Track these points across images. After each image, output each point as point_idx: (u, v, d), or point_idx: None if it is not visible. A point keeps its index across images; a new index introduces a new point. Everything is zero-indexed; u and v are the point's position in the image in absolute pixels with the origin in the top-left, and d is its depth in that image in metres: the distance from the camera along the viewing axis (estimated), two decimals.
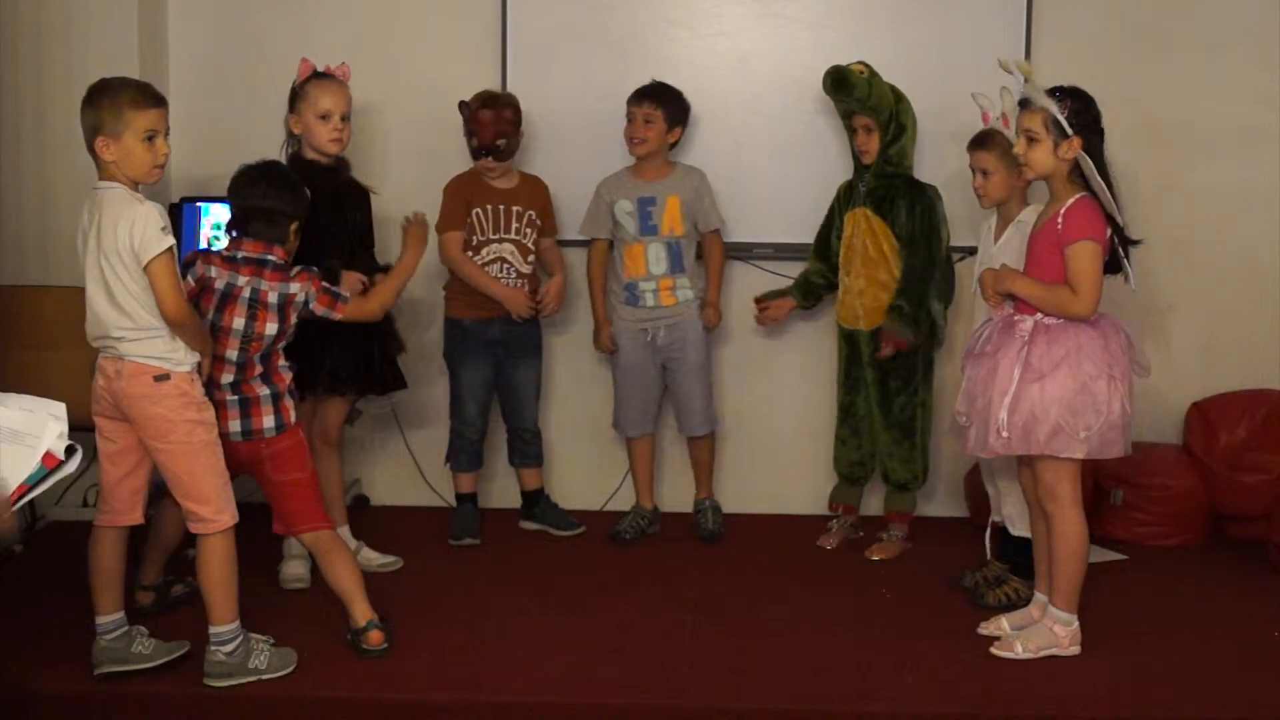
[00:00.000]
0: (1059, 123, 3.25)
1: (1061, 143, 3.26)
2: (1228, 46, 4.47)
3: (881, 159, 4.06)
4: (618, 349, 4.34)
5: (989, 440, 3.34)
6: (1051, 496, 3.35)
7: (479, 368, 4.27)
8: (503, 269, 4.23)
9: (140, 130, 3.02)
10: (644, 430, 4.42)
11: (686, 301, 4.31)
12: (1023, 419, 3.28)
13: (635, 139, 4.23)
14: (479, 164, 4.20)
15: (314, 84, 3.81)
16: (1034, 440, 3.28)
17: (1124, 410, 3.29)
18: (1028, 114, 3.31)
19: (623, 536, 4.34)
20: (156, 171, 3.08)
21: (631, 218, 4.26)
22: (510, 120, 4.18)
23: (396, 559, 4.06)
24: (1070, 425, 3.25)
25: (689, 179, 4.30)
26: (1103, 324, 3.33)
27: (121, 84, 3.08)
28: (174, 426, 3.10)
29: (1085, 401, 3.25)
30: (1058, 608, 3.40)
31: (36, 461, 2.35)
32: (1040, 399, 3.26)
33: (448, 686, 3.23)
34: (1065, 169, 3.30)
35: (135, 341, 3.07)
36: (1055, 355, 3.26)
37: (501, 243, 4.22)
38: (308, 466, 3.44)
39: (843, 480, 4.38)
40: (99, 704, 3.17)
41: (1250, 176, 4.51)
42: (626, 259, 4.30)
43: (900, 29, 4.43)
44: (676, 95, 4.26)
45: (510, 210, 4.23)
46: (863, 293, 4.12)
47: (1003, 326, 3.39)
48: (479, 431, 4.35)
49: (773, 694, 3.20)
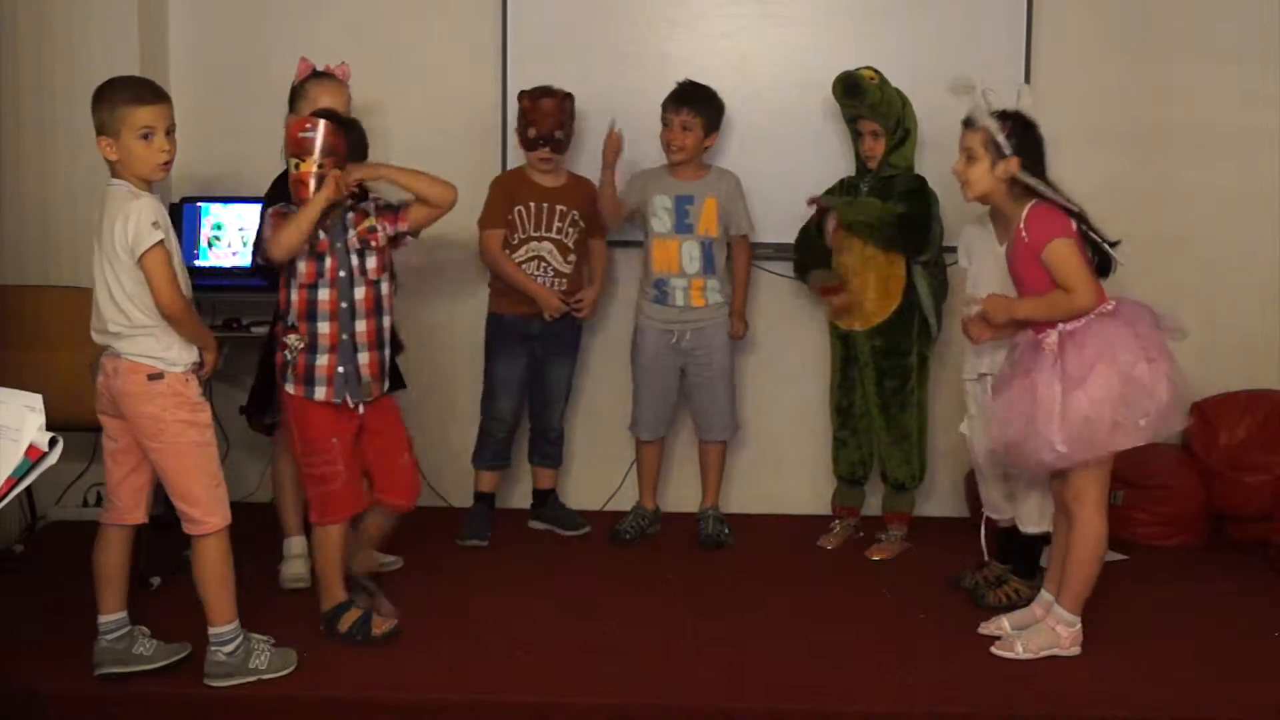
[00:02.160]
0: (997, 143, 3.26)
1: (999, 162, 3.28)
2: (1227, 47, 4.47)
3: (885, 163, 4.07)
4: (638, 347, 4.33)
5: (1044, 457, 3.30)
6: (1078, 498, 3.35)
7: (515, 362, 4.27)
8: (540, 267, 4.22)
9: (136, 128, 3.02)
10: (658, 434, 4.42)
11: (716, 305, 4.29)
12: (1078, 427, 3.24)
13: (674, 146, 4.21)
14: (535, 155, 4.19)
15: (313, 83, 3.81)
16: (1098, 442, 3.25)
17: (1171, 385, 3.27)
18: (970, 133, 3.35)
19: (623, 536, 4.34)
20: (160, 169, 3.08)
21: (669, 213, 4.25)
22: (569, 112, 4.18)
23: (397, 559, 4.06)
24: (1127, 417, 3.24)
25: (725, 181, 4.30)
26: (1123, 310, 3.31)
27: (119, 83, 3.09)
28: (165, 426, 3.10)
29: (1134, 391, 3.24)
30: (1065, 608, 3.40)
31: (21, 455, 2.35)
32: (1089, 402, 3.23)
33: (448, 686, 3.23)
34: (1003, 189, 3.32)
35: (130, 339, 3.08)
36: (1088, 357, 3.25)
37: (541, 241, 4.22)
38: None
39: (843, 483, 4.38)
40: (99, 704, 3.16)
41: (1250, 177, 4.51)
42: (657, 253, 4.28)
43: (900, 29, 4.44)
44: (714, 99, 4.23)
45: (554, 209, 4.22)
46: (858, 292, 4.13)
47: (1029, 347, 3.37)
48: (508, 429, 4.34)
49: (773, 694, 3.21)
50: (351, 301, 3.42)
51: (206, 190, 4.42)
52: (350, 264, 3.42)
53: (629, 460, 4.57)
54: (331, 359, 3.41)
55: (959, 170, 3.38)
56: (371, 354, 3.46)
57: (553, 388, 4.37)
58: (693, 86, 4.22)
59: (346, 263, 3.42)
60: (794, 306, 4.59)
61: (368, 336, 3.45)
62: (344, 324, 3.42)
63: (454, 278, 4.60)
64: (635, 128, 4.33)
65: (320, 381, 3.42)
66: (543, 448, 4.45)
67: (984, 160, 3.32)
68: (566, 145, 4.23)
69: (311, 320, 3.41)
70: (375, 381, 3.48)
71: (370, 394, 3.47)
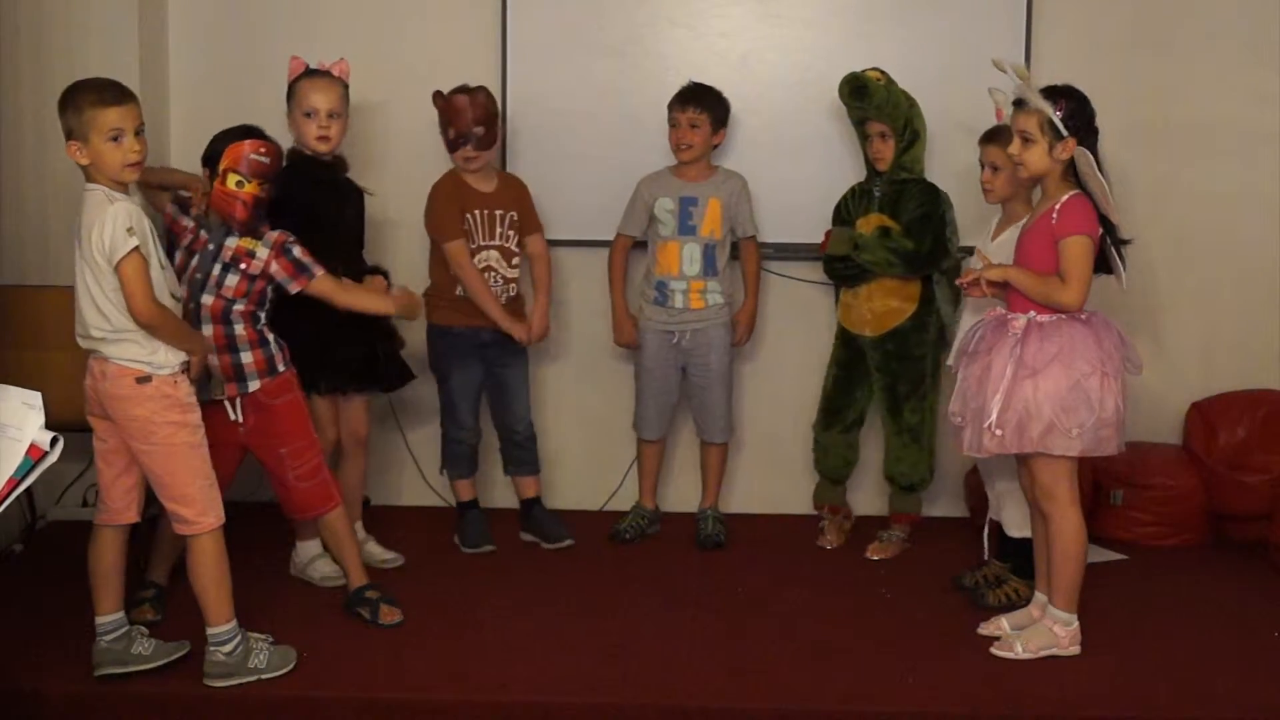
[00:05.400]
0: (1054, 124, 3.25)
1: (1057, 144, 3.27)
2: (1228, 46, 4.47)
3: (896, 165, 4.06)
4: (641, 347, 4.32)
5: (983, 440, 3.34)
6: (1049, 496, 3.35)
7: (470, 371, 4.20)
8: (491, 276, 4.15)
9: (104, 130, 2.98)
10: (660, 433, 4.42)
11: (715, 306, 4.28)
12: (1016, 416, 3.28)
13: (682, 145, 4.19)
14: (458, 155, 4.09)
15: (304, 81, 3.81)
16: (1027, 438, 3.29)
17: (1117, 408, 3.29)
18: (1023, 115, 3.32)
19: (623, 536, 4.34)
20: (131, 170, 3.04)
21: (672, 215, 4.23)
22: (485, 107, 4.07)
23: (397, 555, 4.07)
24: (1063, 423, 3.25)
25: (731, 182, 4.29)
26: (1095, 322, 3.33)
27: (83, 86, 3.04)
28: (155, 428, 3.09)
29: (1078, 399, 3.25)
30: (1057, 608, 3.40)
31: (23, 454, 2.35)
32: (1033, 396, 3.26)
33: (448, 686, 3.23)
34: (1060, 169, 3.31)
35: (115, 343, 3.06)
36: (1048, 352, 3.27)
37: (489, 249, 4.15)
38: None
39: (825, 480, 4.38)
40: (99, 704, 3.16)
41: (1250, 177, 4.51)
42: (660, 257, 4.27)
43: (901, 28, 4.43)
44: (719, 97, 4.22)
45: (494, 214, 4.15)
46: (871, 297, 4.12)
47: (995, 325, 3.39)
48: (476, 436, 4.29)
49: (773, 694, 3.21)
50: (198, 304, 3.40)
51: None
52: (209, 270, 3.40)
53: (627, 460, 4.57)
54: None
55: (1014, 153, 3.35)
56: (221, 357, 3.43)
57: (512, 387, 4.26)
58: (698, 85, 4.22)
59: (207, 268, 3.41)
60: (796, 307, 4.59)
61: (213, 340, 3.41)
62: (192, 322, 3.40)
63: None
64: (634, 127, 4.33)
65: None
66: (515, 455, 4.34)
67: (1041, 143, 3.29)
68: (490, 143, 4.12)
69: None
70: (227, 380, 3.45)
71: (211, 394, 3.42)
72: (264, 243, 3.43)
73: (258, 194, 3.39)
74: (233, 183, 3.36)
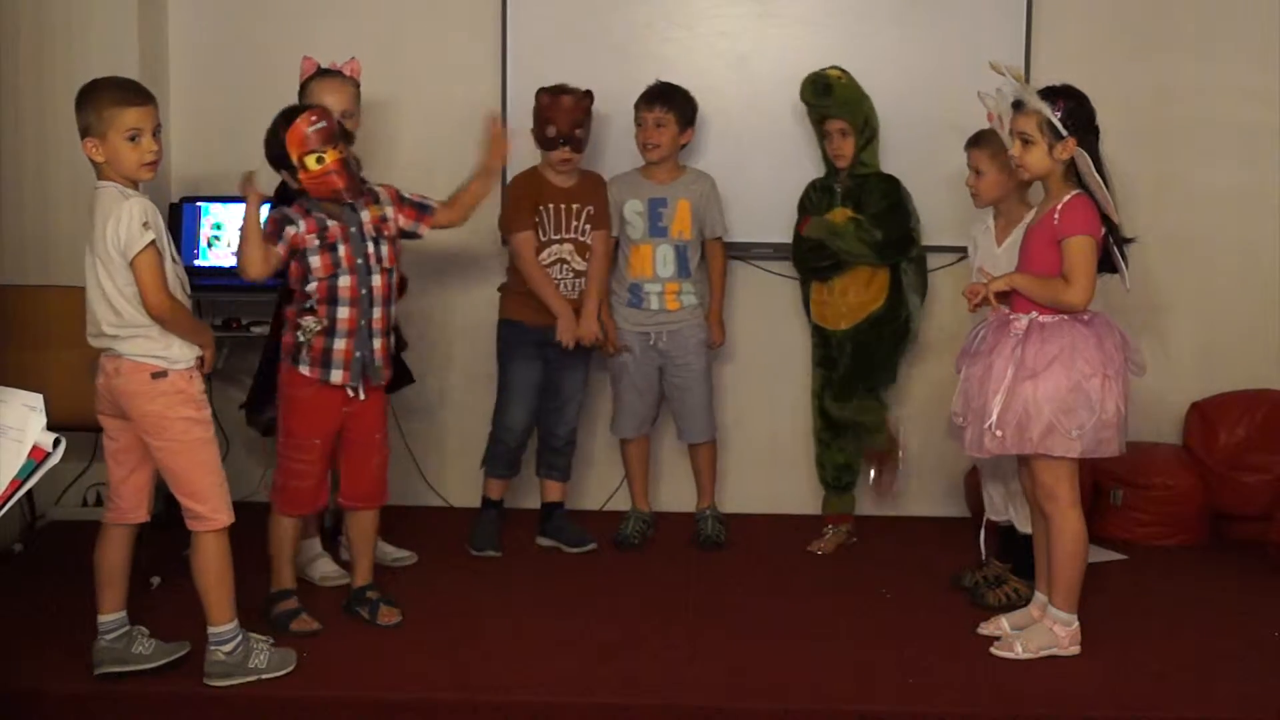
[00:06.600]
0: (1053, 124, 3.25)
1: (1056, 144, 3.27)
2: (1227, 46, 4.47)
3: (856, 160, 4.09)
4: (618, 352, 4.31)
5: (984, 440, 3.34)
6: (1049, 497, 3.35)
7: (530, 367, 4.20)
8: (561, 269, 4.17)
9: (123, 129, 3.00)
10: (638, 432, 4.40)
11: (690, 307, 4.28)
12: (1016, 417, 3.28)
13: (649, 144, 4.19)
14: (555, 155, 4.11)
15: (315, 81, 3.81)
16: (1027, 439, 3.28)
17: (1118, 409, 3.29)
18: (1022, 117, 3.32)
19: (630, 542, 4.31)
20: (147, 170, 3.06)
21: (641, 218, 4.23)
22: (586, 110, 4.13)
23: (411, 554, 4.08)
24: (1063, 424, 3.25)
25: (700, 183, 4.28)
26: (1097, 323, 3.33)
27: (104, 84, 3.06)
28: (170, 424, 3.10)
29: (1078, 400, 3.25)
30: (1057, 608, 3.40)
31: (24, 456, 2.35)
32: (1033, 397, 3.26)
33: (448, 686, 3.23)
34: (1060, 169, 3.31)
35: (129, 339, 3.07)
36: (1049, 353, 3.27)
37: (562, 243, 4.17)
38: None
39: (830, 490, 4.37)
40: (99, 704, 3.16)
41: (1250, 176, 4.51)
42: (633, 259, 4.26)
43: (900, 29, 4.44)
44: (686, 96, 4.22)
45: (571, 208, 4.17)
46: (846, 291, 4.14)
47: (997, 325, 3.39)
48: (521, 439, 4.26)
49: (773, 694, 3.20)
50: (370, 288, 3.48)
51: (206, 190, 4.42)
52: (365, 251, 3.48)
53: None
54: (349, 343, 3.47)
55: (1015, 154, 3.35)
56: (383, 340, 3.54)
57: (565, 392, 4.28)
58: (664, 84, 4.22)
59: (362, 250, 3.47)
60: (788, 305, 4.58)
61: (380, 323, 3.52)
62: (363, 310, 3.47)
63: (458, 274, 4.59)
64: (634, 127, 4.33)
65: (337, 365, 3.47)
66: (550, 459, 4.35)
67: (1040, 143, 3.29)
68: (585, 144, 4.16)
69: (332, 304, 3.46)
70: (386, 366, 3.58)
71: (381, 377, 3.56)
72: (385, 202, 3.54)
73: (341, 156, 3.38)
74: (313, 162, 3.36)
